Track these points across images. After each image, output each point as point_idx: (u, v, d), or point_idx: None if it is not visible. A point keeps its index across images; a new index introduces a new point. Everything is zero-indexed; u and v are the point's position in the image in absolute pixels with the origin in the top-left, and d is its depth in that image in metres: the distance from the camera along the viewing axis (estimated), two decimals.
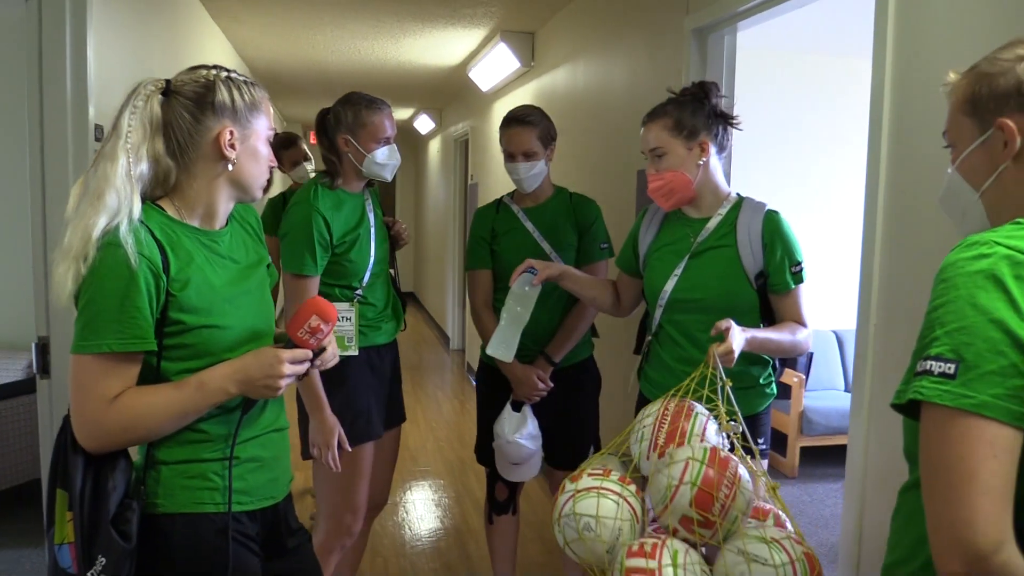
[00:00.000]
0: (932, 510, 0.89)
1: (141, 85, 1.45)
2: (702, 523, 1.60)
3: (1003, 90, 1.04)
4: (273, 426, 1.60)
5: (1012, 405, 0.86)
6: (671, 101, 2.10)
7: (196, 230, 1.49)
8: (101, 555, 1.36)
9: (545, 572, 3.44)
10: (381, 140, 2.42)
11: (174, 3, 3.96)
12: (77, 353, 1.37)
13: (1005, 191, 1.06)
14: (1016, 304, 0.89)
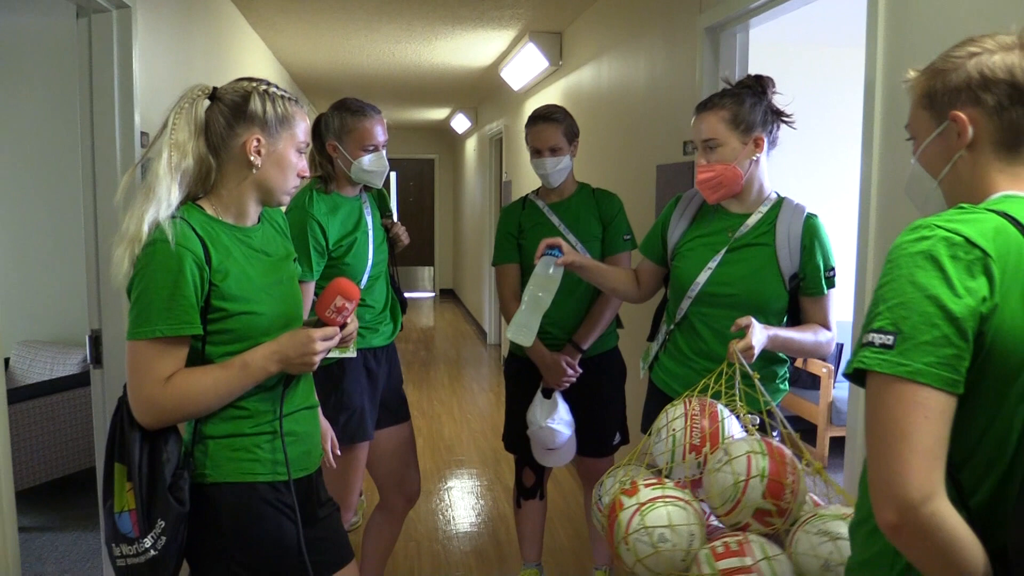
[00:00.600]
0: (872, 466, 0.98)
1: (191, 89, 1.62)
2: (775, 513, 1.63)
3: (956, 85, 1.12)
4: (305, 404, 1.76)
5: (944, 372, 0.96)
6: (727, 93, 2.07)
7: (232, 227, 1.65)
8: (160, 518, 1.53)
9: (572, 556, 3.55)
10: (368, 147, 2.44)
11: (215, 14, 4.15)
12: (133, 339, 1.53)
13: (960, 178, 1.15)
14: (950, 281, 0.98)
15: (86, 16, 2.53)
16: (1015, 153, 1.11)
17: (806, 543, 1.61)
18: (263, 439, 1.65)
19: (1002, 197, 1.09)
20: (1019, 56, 1.09)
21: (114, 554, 1.57)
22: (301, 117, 1.69)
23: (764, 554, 1.57)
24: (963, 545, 0.95)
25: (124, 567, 1.56)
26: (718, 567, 1.56)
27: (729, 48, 2.90)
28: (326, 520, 1.82)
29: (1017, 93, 1.08)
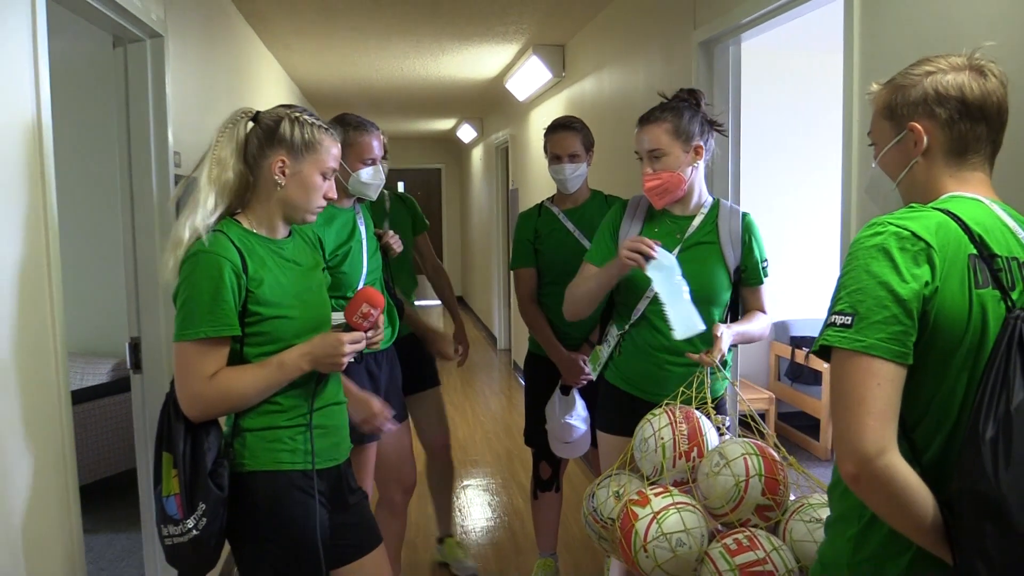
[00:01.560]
0: (835, 428, 1.16)
1: (236, 112, 1.81)
2: (774, 507, 1.80)
3: (914, 99, 1.29)
4: (333, 400, 1.93)
5: (894, 346, 1.13)
6: (667, 107, 2.24)
7: (265, 239, 1.82)
8: (201, 502, 1.70)
9: (585, 547, 3.71)
10: (367, 160, 2.54)
11: (235, 38, 4.35)
12: (179, 341, 1.71)
13: (915, 181, 1.33)
14: (899, 269, 1.15)
15: (122, 46, 2.72)
16: (962, 160, 1.29)
17: (802, 530, 1.78)
18: (296, 431, 1.81)
19: (948, 197, 1.27)
20: (968, 76, 1.26)
21: (162, 534, 1.74)
22: (330, 143, 1.83)
23: (772, 546, 1.73)
24: (914, 492, 1.12)
25: (171, 546, 1.73)
26: (735, 562, 1.71)
27: (723, 60, 3.08)
28: (356, 507, 1.97)
29: (966, 109, 1.26)
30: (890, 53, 1.99)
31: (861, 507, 1.23)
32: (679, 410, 2.02)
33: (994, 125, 1.27)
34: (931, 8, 1.82)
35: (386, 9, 4.46)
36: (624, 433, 2.24)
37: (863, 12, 2.09)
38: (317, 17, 4.61)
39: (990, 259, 1.17)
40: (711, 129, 2.28)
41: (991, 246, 1.18)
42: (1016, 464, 1.07)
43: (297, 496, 1.80)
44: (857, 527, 1.25)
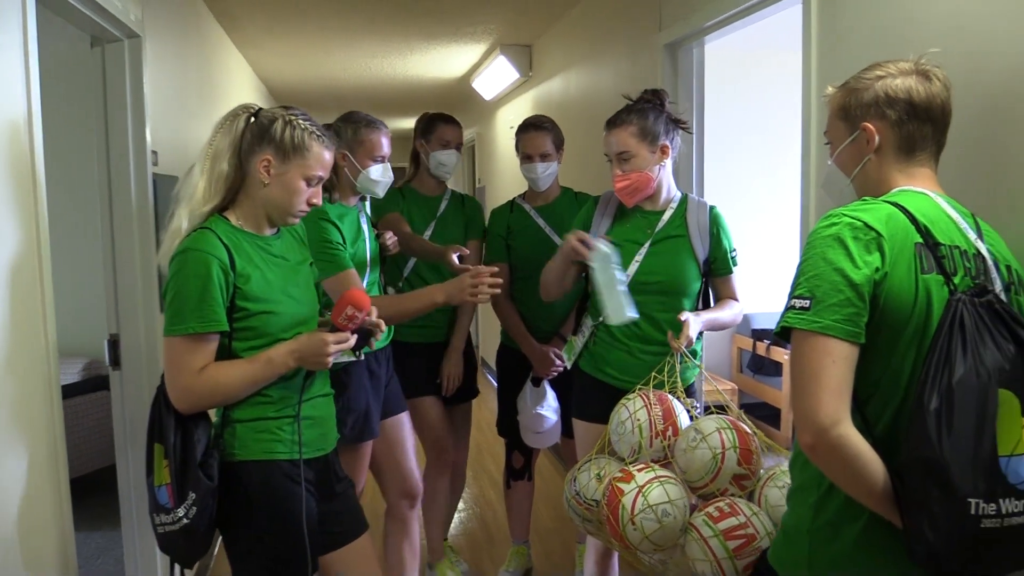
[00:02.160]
0: (794, 402, 1.27)
1: (237, 107, 1.86)
2: (749, 475, 1.93)
3: (867, 101, 1.41)
4: (321, 391, 1.99)
5: (847, 326, 1.24)
6: (631, 109, 2.34)
7: (252, 235, 1.87)
8: (191, 491, 1.74)
9: (555, 535, 3.82)
10: (377, 158, 2.56)
11: (206, 37, 4.37)
12: (169, 335, 1.76)
13: (868, 176, 1.44)
14: (852, 257, 1.26)
15: (100, 46, 2.75)
16: (911, 157, 1.41)
17: (776, 495, 1.89)
18: (284, 422, 1.86)
19: (897, 191, 1.38)
20: (915, 80, 1.38)
21: (155, 522, 1.79)
22: (319, 150, 1.86)
23: (752, 511, 1.85)
24: (866, 461, 1.24)
25: (163, 534, 1.79)
26: (719, 528, 1.83)
27: (687, 61, 3.20)
28: (342, 495, 2.03)
29: (913, 110, 1.38)
30: (846, 55, 2.11)
31: (820, 477, 1.34)
32: (652, 394, 2.12)
33: (939, 125, 1.40)
34: (885, 12, 1.94)
35: (356, 9, 4.51)
36: (599, 420, 2.33)
37: (820, 16, 2.22)
38: (287, 16, 4.64)
39: (935, 247, 1.29)
40: (676, 128, 2.39)
41: (936, 235, 1.30)
42: (957, 432, 1.19)
43: (287, 485, 1.84)
44: (816, 495, 1.37)
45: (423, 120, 3.14)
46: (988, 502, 1.18)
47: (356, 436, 2.57)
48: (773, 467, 2.00)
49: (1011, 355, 1.23)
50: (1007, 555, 1.22)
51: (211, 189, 1.82)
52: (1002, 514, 1.19)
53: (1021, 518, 1.19)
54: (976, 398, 1.19)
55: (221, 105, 4.72)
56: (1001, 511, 1.19)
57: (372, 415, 2.63)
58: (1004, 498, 1.19)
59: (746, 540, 1.82)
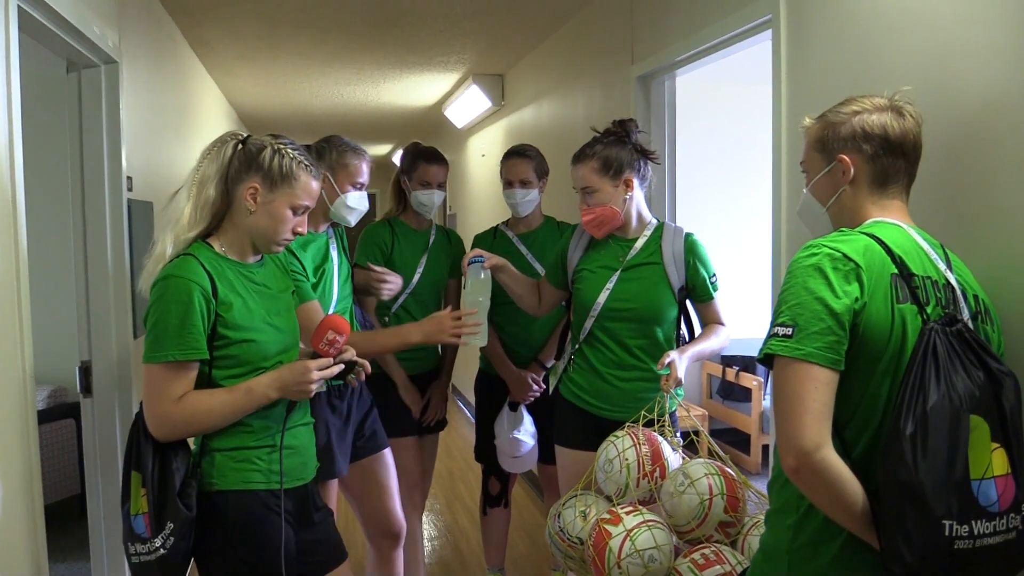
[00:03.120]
0: (777, 427, 1.30)
1: (225, 133, 1.87)
2: (734, 523, 1.93)
3: (844, 135, 1.47)
4: (301, 421, 1.96)
5: (828, 354, 1.28)
6: (596, 141, 2.37)
7: (235, 263, 1.86)
8: (170, 521, 1.72)
9: (530, 562, 3.81)
10: (357, 184, 2.51)
11: (180, 63, 4.37)
12: (148, 363, 1.74)
13: (843, 207, 1.50)
14: (832, 286, 1.31)
15: (76, 71, 2.74)
16: (884, 189, 1.47)
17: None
18: (263, 452, 1.84)
19: (872, 223, 1.44)
20: (890, 116, 1.44)
21: (129, 552, 1.76)
22: (307, 180, 1.86)
23: (736, 560, 1.86)
24: (846, 483, 1.28)
25: (138, 564, 1.75)
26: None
27: (659, 94, 3.27)
28: (322, 524, 2.01)
29: (888, 145, 1.44)
30: (814, 87, 2.19)
31: (799, 498, 1.38)
32: (641, 432, 2.12)
33: (911, 159, 1.46)
34: (851, 47, 2.02)
35: (330, 37, 4.55)
36: (581, 447, 2.34)
37: (789, 50, 2.29)
38: (261, 44, 4.66)
39: (909, 278, 1.34)
40: (644, 158, 2.41)
41: (910, 266, 1.36)
42: (932, 456, 1.23)
43: (266, 516, 1.82)
44: (795, 516, 1.40)
45: (407, 155, 3.11)
46: (961, 524, 1.23)
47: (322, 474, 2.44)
48: (757, 514, 2.01)
49: (980, 382, 1.28)
50: (978, 575, 1.27)
51: (196, 215, 1.82)
52: (974, 535, 1.23)
53: (992, 539, 1.24)
54: (949, 423, 1.24)
55: (194, 131, 4.71)
56: (973, 532, 1.23)
57: (334, 453, 2.50)
58: (976, 520, 1.23)
59: None
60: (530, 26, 4.40)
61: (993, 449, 1.26)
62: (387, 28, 4.36)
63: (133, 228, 2.95)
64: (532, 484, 4.70)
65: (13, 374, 1.87)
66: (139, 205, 3.10)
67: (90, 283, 2.78)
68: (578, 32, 4.15)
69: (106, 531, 2.83)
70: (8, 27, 1.88)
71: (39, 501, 1.95)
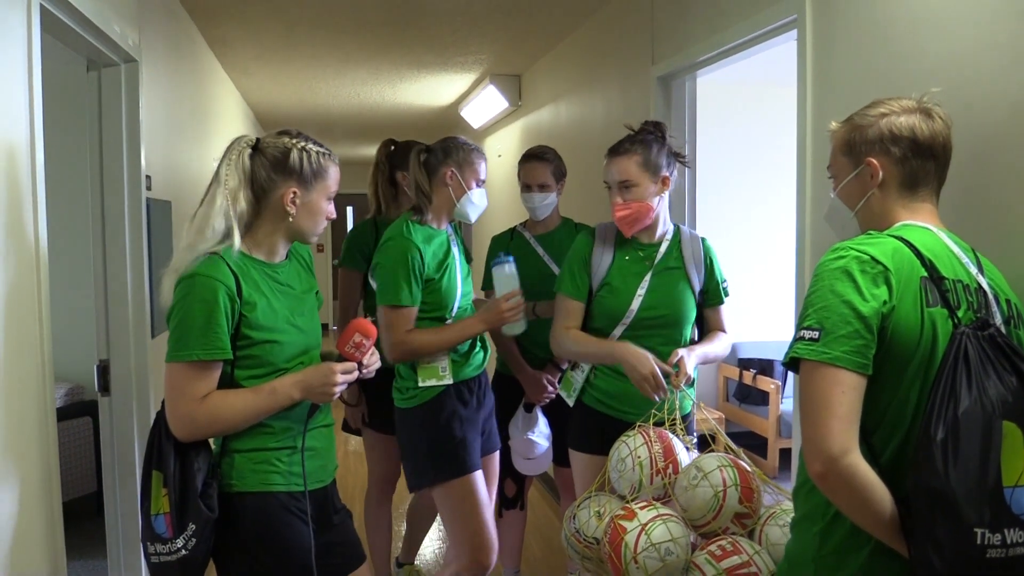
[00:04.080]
0: (804, 432, 1.28)
1: (236, 142, 1.83)
2: (750, 514, 1.92)
3: (871, 138, 1.44)
4: (322, 423, 1.94)
5: (856, 358, 1.26)
6: (635, 140, 2.33)
7: (261, 263, 1.85)
8: (191, 522, 1.71)
9: (545, 565, 3.79)
10: (480, 182, 2.55)
11: (199, 63, 4.40)
12: (172, 362, 1.72)
13: (871, 210, 1.47)
14: (860, 289, 1.28)
15: (96, 70, 2.75)
16: (913, 192, 1.44)
17: (777, 534, 1.89)
18: (283, 453, 1.83)
19: (901, 226, 1.41)
20: (918, 118, 1.42)
21: (148, 551, 1.75)
22: (332, 169, 1.88)
23: (754, 550, 1.84)
24: (874, 489, 1.25)
25: (157, 563, 1.74)
26: (722, 567, 1.81)
27: (680, 95, 3.25)
28: (340, 526, 1.99)
29: (917, 147, 1.41)
30: (841, 89, 2.16)
31: (826, 505, 1.35)
32: (652, 431, 2.11)
33: (941, 162, 1.43)
34: (878, 47, 1.99)
35: (348, 36, 4.55)
36: (598, 452, 2.31)
37: (815, 50, 2.27)
38: (279, 44, 4.67)
39: (939, 281, 1.32)
40: (675, 160, 2.40)
41: (940, 269, 1.33)
42: (963, 463, 1.20)
43: (286, 518, 1.81)
44: (822, 524, 1.37)
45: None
46: (993, 532, 1.20)
47: (457, 469, 2.43)
48: (773, 505, 2.00)
49: (1013, 387, 1.25)
50: None
51: (237, 229, 1.78)
52: (1007, 544, 1.20)
53: None
54: (981, 430, 1.21)
55: (212, 131, 4.73)
56: (1006, 541, 1.20)
57: (470, 445, 2.48)
58: (1009, 528, 1.20)
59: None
60: (548, 26, 4.39)
61: None
62: (404, 28, 4.36)
63: (152, 227, 2.96)
64: (548, 486, 4.68)
65: (32, 372, 1.87)
66: (158, 204, 3.10)
67: (108, 282, 2.79)
68: (597, 32, 4.13)
69: (122, 529, 2.84)
70: (30, 26, 1.88)
71: (57, 498, 1.95)
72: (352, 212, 13.03)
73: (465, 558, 2.48)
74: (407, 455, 2.54)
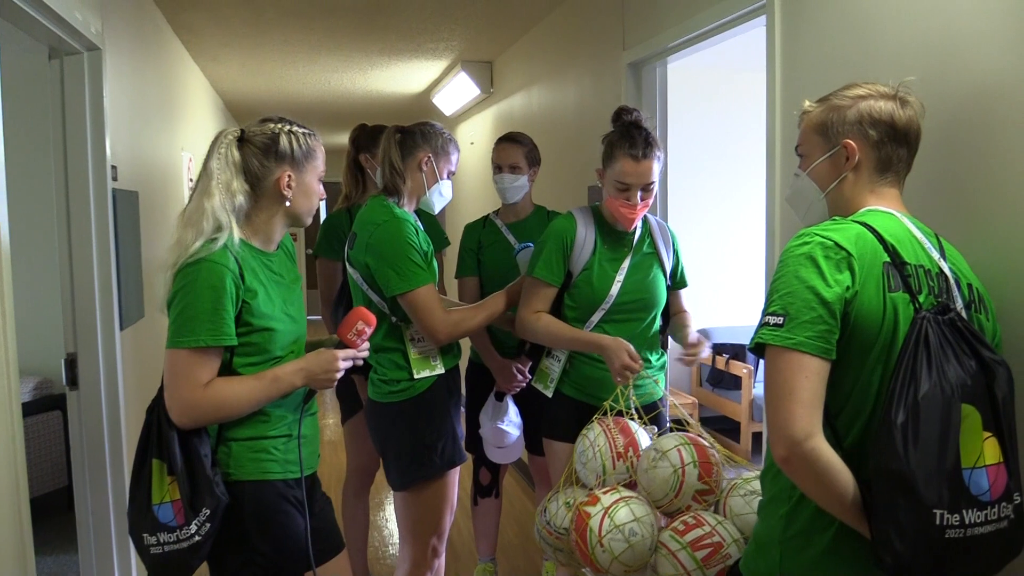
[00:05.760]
0: (768, 416, 1.29)
1: (222, 135, 1.81)
2: (711, 489, 1.95)
3: (850, 119, 1.45)
4: (311, 410, 1.96)
5: (820, 343, 1.27)
6: (653, 142, 2.28)
7: (259, 251, 1.84)
8: (205, 507, 1.70)
9: (521, 552, 3.81)
10: (451, 173, 2.51)
11: (165, 50, 4.32)
12: (175, 347, 1.69)
13: (842, 193, 1.48)
14: (824, 275, 1.30)
15: (58, 58, 2.70)
16: (883, 177, 1.46)
17: (741, 505, 1.92)
18: (279, 441, 1.83)
19: (865, 211, 1.43)
20: (895, 105, 1.43)
21: (147, 543, 1.70)
22: (320, 149, 1.90)
23: (716, 520, 1.88)
24: (837, 472, 1.27)
25: (161, 554, 1.70)
26: (685, 540, 1.85)
27: (650, 81, 3.25)
28: (322, 513, 2.00)
29: (894, 133, 1.43)
30: (809, 74, 2.17)
31: (791, 488, 1.37)
32: (611, 420, 2.15)
33: (912, 149, 1.46)
34: (846, 33, 2.01)
35: (318, 23, 4.50)
36: (573, 440, 2.31)
37: (783, 36, 2.28)
38: (247, 30, 4.61)
39: (901, 266, 1.33)
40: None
41: (902, 255, 1.35)
42: (923, 446, 1.23)
43: (283, 506, 1.82)
44: (787, 506, 1.40)
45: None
46: (952, 513, 1.23)
47: (445, 462, 2.40)
48: (734, 478, 2.04)
49: (972, 371, 1.27)
50: (969, 564, 1.27)
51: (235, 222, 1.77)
52: (965, 524, 1.23)
53: (983, 528, 1.24)
54: (940, 413, 1.24)
55: (180, 119, 4.66)
56: (964, 521, 1.23)
57: (459, 437, 2.46)
58: (967, 509, 1.23)
59: (713, 549, 1.84)
60: (519, 12, 4.37)
61: (985, 438, 1.25)
62: (375, 14, 4.32)
63: (119, 218, 2.92)
64: (523, 474, 4.70)
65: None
66: (124, 195, 3.06)
67: (75, 274, 2.75)
68: (568, 18, 4.12)
69: (93, 523, 2.82)
70: None
71: (24, 493, 1.93)
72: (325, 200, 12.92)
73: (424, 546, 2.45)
74: (394, 453, 2.42)
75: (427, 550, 2.46)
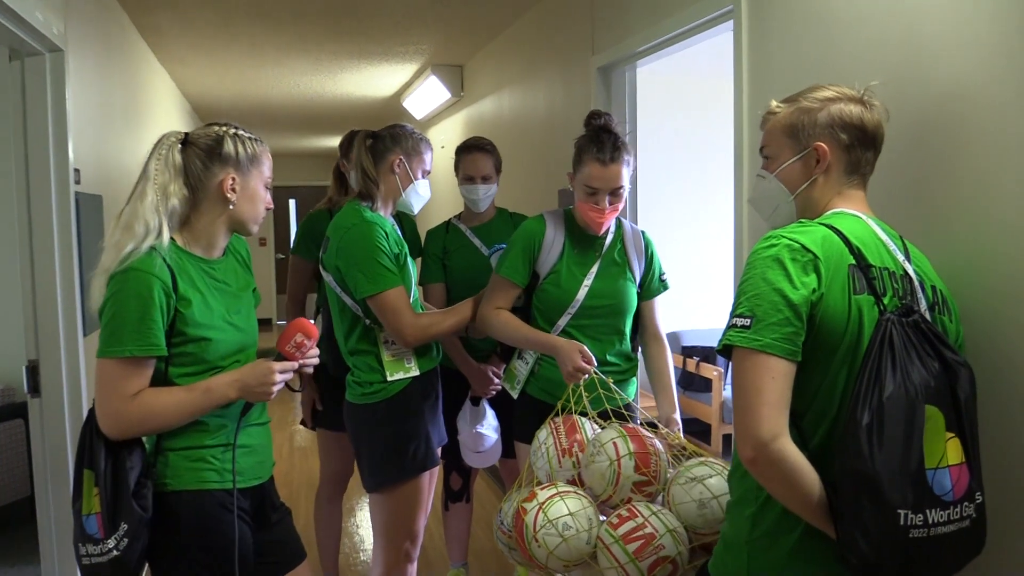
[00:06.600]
0: (735, 417, 1.30)
1: (165, 137, 1.78)
2: (651, 479, 1.93)
3: (821, 122, 1.45)
4: (258, 420, 1.92)
5: (786, 345, 1.28)
6: (622, 145, 2.27)
7: (198, 259, 1.81)
8: (123, 522, 1.66)
9: (494, 556, 3.80)
10: (426, 172, 2.50)
11: (129, 52, 4.26)
12: (103, 357, 1.67)
13: (811, 196, 1.49)
14: (791, 277, 1.31)
15: (19, 59, 2.65)
16: (850, 180, 1.47)
17: (681, 493, 1.90)
18: (218, 451, 1.79)
19: (832, 214, 1.44)
20: (863, 108, 1.44)
21: (80, 553, 1.70)
22: (266, 156, 1.87)
23: (650, 511, 1.86)
24: (803, 473, 1.28)
25: (89, 565, 1.69)
26: (618, 533, 1.83)
27: (619, 85, 3.27)
28: (279, 524, 1.97)
29: (863, 136, 1.44)
30: (776, 79, 2.20)
31: (757, 489, 1.38)
32: (561, 420, 2.14)
33: (878, 151, 1.48)
34: (813, 38, 2.03)
35: (287, 26, 4.47)
36: None
37: (750, 42, 2.30)
38: (215, 32, 4.56)
39: (866, 269, 1.35)
40: None
41: (867, 257, 1.36)
42: (887, 447, 1.24)
43: (222, 515, 1.78)
44: (754, 507, 1.40)
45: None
46: (916, 513, 1.24)
47: (416, 466, 2.38)
48: (679, 470, 2.01)
49: (936, 372, 1.29)
50: (933, 563, 1.28)
51: (169, 228, 1.74)
52: (928, 524, 1.24)
53: (946, 528, 1.25)
54: (905, 414, 1.25)
55: (145, 122, 4.60)
56: (928, 521, 1.24)
57: (433, 441, 2.45)
58: (930, 509, 1.24)
59: (644, 541, 1.81)
60: (489, 16, 4.37)
61: (948, 439, 1.27)
62: (344, 17, 4.30)
63: (82, 222, 2.87)
64: (495, 478, 4.69)
65: None
66: (87, 198, 3.01)
67: (36, 279, 2.70)
68: (538, 22, 4.13)
69: (56, 534, 2.76)
70: None
71: None
72: (295, 205, 12.84)
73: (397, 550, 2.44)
74: (367, 453, 2.42)
75: (399, 554, 2.45)
